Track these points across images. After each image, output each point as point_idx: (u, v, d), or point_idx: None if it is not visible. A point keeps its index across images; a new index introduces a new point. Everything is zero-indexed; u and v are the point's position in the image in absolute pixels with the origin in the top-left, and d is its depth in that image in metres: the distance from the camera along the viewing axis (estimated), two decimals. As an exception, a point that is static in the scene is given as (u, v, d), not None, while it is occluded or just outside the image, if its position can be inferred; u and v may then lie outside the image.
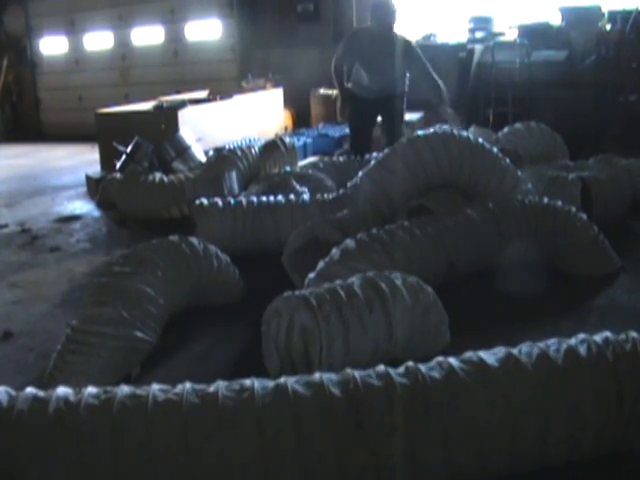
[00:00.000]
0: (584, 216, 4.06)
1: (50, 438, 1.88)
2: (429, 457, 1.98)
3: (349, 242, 3.56)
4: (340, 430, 1.94)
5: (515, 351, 2.21)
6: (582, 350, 2.20)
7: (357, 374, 2.09)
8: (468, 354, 2.22)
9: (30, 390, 2.06)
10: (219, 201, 4.68)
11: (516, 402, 2.07)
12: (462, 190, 4.26)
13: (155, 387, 2.05)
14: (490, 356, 2.19)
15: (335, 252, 3.50)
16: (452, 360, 2.18)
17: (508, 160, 4.30)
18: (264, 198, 4.74)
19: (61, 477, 1.85)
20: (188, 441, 1.89)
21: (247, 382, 2.06)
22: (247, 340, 3.22)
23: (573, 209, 4.07)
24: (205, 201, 4.69)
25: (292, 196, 4.74)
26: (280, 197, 4.73)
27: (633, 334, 2.28)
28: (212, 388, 2.05)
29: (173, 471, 1.87)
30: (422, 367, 2.13)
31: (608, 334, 2.30)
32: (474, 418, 2.03)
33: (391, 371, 2.11)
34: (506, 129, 6.01)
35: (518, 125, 5.98)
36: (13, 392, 2.05)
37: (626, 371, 2.16)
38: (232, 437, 1.90)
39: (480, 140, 4.27)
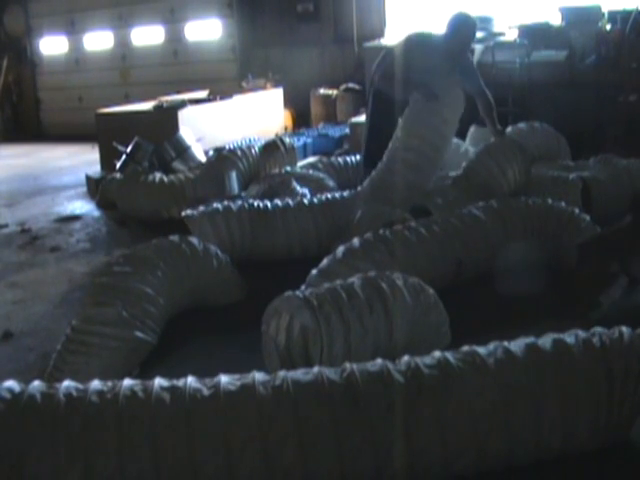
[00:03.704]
0: (587, 217, 4.06)
1: (58, 417, 1.93)
2: (424, 437, 2.02)
3: (354, 241, 3.56)
4: (337, 409, 1.99)
5: (505, 343, 2.28)
6: (569, 339, 2.28)
7: (354, 365, 2.15)
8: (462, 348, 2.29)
9: (39, 382, 2.10)
10: (209, 210, 4.37)
11: (506, 385, 2.12)
12: None
13: (159, 379, 2.11)
14: (480, 347, 2.26)
15: (339, 250, 3.49)
16: (445, 352, 2.25)
17: None
18: (255, 204, 4.47)
19: (65, 454, 1.89)
20: (190, 422, 1.94)
21: (247, 374, 2.14)
22: (247, 340, 3.21)
23: (577, 210, 4.07)
24: (195, 213, 4.37)
25: (288, 201, 4.53)
26: (275, 202, 4.50)
27: (622, 328, 2.33)
28: (214, 379, 2.11)
29: (175, 449, 1.92)
30: (416, 357, 2.21)
31: (597, 328, 2.35)
32: (466, 399, 2.08)
33: (387, 361, 2.18)
34: (510, 129, 5.99)
35: (522, 125, 5.97)
36: (23, 385, 2.08)
37: (614, 353, 2.20)
38: (233, 418, 1.96)
39: None
